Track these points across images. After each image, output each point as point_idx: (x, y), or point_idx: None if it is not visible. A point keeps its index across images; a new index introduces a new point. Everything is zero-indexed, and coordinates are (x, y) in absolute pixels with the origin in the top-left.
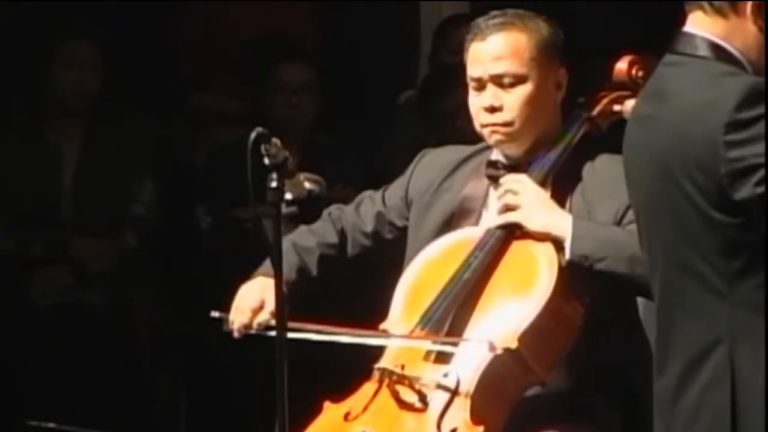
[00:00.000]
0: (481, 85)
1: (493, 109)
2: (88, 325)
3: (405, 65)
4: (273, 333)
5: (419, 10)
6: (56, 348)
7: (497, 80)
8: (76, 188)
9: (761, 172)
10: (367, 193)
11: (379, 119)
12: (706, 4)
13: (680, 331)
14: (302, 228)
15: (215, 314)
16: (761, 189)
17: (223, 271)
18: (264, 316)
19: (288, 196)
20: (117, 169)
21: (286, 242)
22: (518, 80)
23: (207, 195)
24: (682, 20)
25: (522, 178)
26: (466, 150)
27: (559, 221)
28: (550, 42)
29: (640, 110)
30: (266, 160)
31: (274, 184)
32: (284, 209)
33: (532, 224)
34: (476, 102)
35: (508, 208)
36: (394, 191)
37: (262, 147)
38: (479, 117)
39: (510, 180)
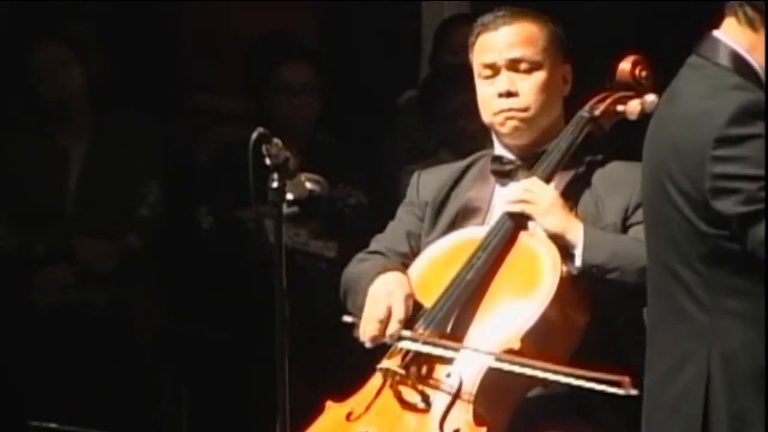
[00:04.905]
0: (494, 72)
1: (509, 94)
2: (90, 325)
3: (406, 65)
4: (406, 343)
5: (421, 10)
6: (58, 347)
7: (514, 65)
8: (81, 188)
9: (743, 194)
10: (384, 232)
11: (380, 119)
12: (740, 13)
13: (665, 333)
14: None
15: (347, 319)
16: (743, 209)
17: (224, 271)
18: (394, 327)
19: (289, 196)
20: (123, 170)
21: (360, 277)
22: (534, 67)
23: (208, 195)
24: (718, 22)
25: (533, 181)
26: (462, 162)
27: (573, 226)
28: (557, 36)
29: (658, 108)
30: (267, 161)
31: (275, 185)
32: (285, 209)
33: (546, 222)
34: (489, 90)
35: (523, 202)
36: (408, 214)
37: (264, 147)
38: (492, 104)
39: (528, 180)
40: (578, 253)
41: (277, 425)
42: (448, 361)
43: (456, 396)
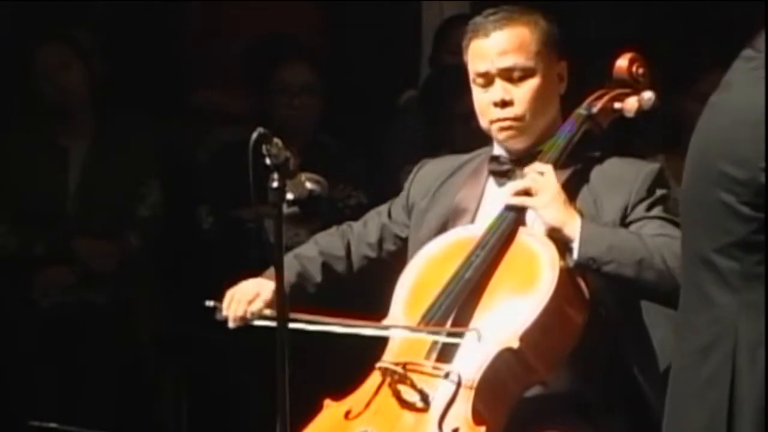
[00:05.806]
0: (488, 81)
1: (504, 104)
2: (90, 326)
3: (406, 65)
4: (266, 322)
5: (421, 10)
6: (58, 348)
7: (506, 74)
8: (81, 188)
9: None
10: (375, 210)
11: (380, 119)
12: None
13: (693, 321)
14: (309, 241)
15: (209, 303)
16: None
17: (225, 271)
18: (257, 305)
19: (289, 196)
20: (124, 170)
21: (290, 254)
22: (527, 74)
23: (208, 195)
24: None
25: (547, 168)
26: (462, 157)
27: (571, 220)
28: (550, 35)
29: (711, 99)
30: (267, 161)
31: (275, 185)
32: (285, 209)
33: (545, 214)
34: (484, 98)
35: (525, 193)
36: (397, 203)
37: (264, 147)
38: (488, 112)
39: (536, 168)
40: (575, 246)
41: (277, 425)
42: (447, 359)
43: (455, 395)
